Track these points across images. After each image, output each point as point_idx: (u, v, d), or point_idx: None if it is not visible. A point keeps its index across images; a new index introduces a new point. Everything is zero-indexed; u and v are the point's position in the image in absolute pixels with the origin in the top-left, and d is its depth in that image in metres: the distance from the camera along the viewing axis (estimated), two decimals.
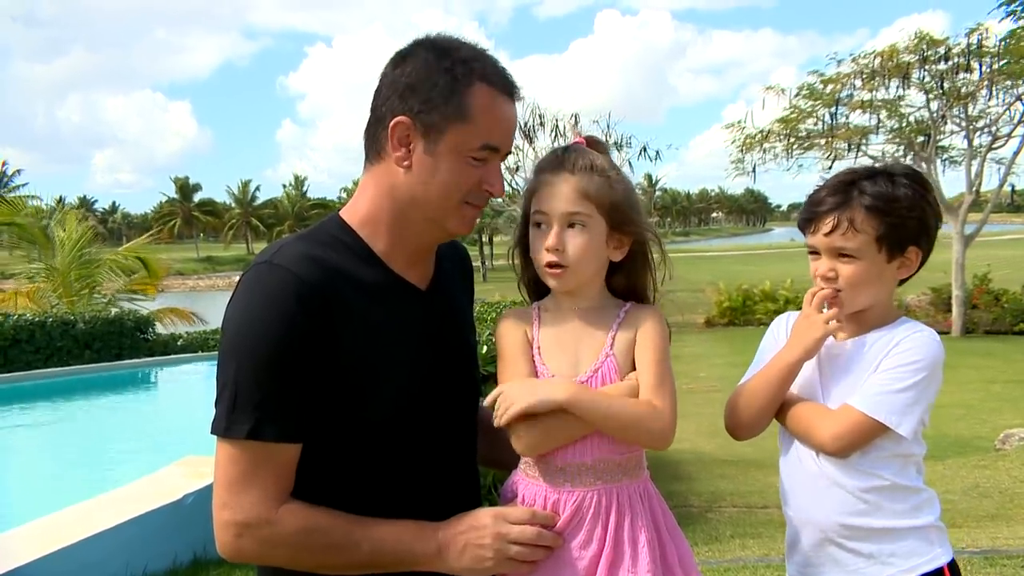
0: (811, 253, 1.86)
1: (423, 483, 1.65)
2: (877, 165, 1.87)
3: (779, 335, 1.94)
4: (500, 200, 1.71)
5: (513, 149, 1.72)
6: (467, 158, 1.58)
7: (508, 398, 1.60)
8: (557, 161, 1.68)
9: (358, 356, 1.56)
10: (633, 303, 1.73)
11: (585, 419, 1.59)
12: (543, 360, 1.68)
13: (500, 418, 1.60)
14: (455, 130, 1.57)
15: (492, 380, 1.76)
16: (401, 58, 1.63)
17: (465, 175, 1.59)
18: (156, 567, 5.31)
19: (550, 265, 1.65)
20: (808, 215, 1.84)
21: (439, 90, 1.57)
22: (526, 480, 1.68)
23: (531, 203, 1.70)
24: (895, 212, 1.76)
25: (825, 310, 1.82)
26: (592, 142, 1.74)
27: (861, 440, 1.76)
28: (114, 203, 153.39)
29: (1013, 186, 25.72)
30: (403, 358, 1.62)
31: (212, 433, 1.52)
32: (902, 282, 1.89)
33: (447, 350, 1.71)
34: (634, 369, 1.66)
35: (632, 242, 1.71)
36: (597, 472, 1.62)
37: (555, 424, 1.59)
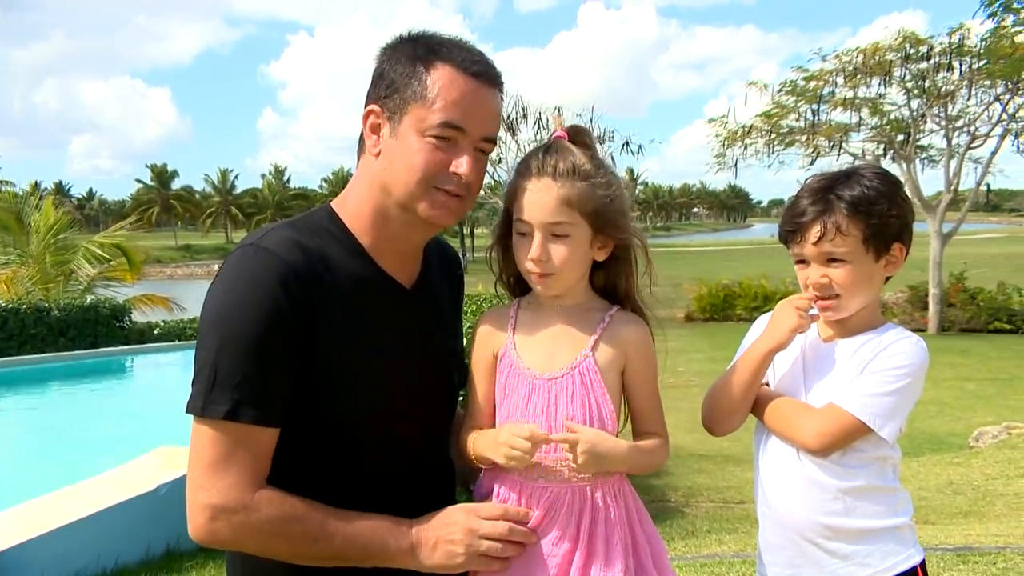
0: (798, 263, 1.86)
1: (394, 479, 1.63)
2: (846, 168, 1.88)
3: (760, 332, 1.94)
4: (481, 192, 1.67)
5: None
6: (428, 137, 1.55)
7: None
8: (538, 165, 1.62)
9: (337, 346, 1.55)
10: (618, 308, 1.71)
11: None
12: (518, 354, 1.66)
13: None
14: (415, 109, 1.55)
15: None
16: (382, 50, 1.62)
17: (428, 155, 1.55)
18: (129, 558, 5.26)
19: (535, 273, 1.63)
20: (792, 227, 1.83)
21: (402, 73, 1.56)
22: (501, 475, 1.67)
23: (512, 207, 1.65)
24: (876, 212, 1.78)
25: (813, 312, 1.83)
26: (575, 133, 1.68)
27: (844, 440, 1.76)
28: (91, 189, 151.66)
29: (989, 185, 25.88)
30: (382, 353, 1.60)
31: (188, 412, 1.50)
32: (887, 279, 1.89)
33: (427, 350, 1.70)
34: (618, 378, 1.66)
35: (615, 243, 1.68)
36: (571, 469, 1.60)
37: None
